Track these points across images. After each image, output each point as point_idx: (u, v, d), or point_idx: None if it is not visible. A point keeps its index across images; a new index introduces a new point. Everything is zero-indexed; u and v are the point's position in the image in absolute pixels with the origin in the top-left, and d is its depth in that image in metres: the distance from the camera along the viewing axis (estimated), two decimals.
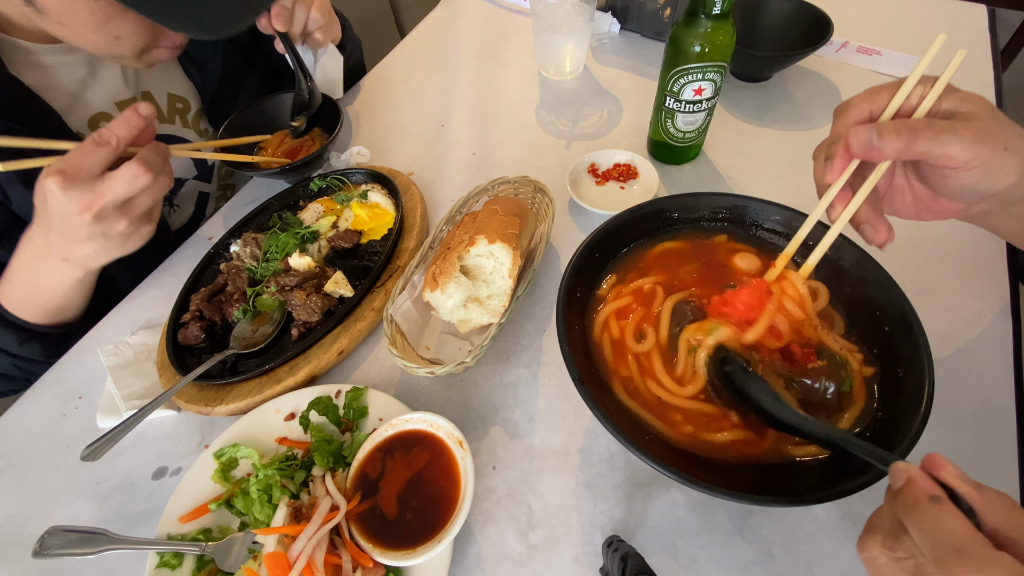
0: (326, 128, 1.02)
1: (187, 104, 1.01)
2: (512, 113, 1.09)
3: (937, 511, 0.34)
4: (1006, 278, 0.71)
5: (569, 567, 0.56)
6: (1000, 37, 1.07)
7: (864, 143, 0.47)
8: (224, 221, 0.98)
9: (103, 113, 0.88)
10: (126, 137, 0.64)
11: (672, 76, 0.79)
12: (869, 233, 0.53)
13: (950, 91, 0.48)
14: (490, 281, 0.69)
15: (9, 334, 0.77)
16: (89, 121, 0.87)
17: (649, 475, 0.61)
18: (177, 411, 0.73)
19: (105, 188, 0.63)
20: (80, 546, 0.56)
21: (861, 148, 0.47)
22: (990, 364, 0.64)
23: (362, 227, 0.87)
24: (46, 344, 0.80)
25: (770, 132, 0.96)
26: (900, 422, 0.47)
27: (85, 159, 0.62)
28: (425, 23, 1.39)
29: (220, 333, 0.78)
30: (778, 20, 1.03)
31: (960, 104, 0.47)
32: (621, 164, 0.90)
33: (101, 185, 0.62)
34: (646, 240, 0.66)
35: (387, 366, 0.74)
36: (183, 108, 1.00)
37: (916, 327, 0.51)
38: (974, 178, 0.46)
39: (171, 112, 0.98)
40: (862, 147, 0.47)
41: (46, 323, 0.79)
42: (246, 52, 1.07)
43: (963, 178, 0.46)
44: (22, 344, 0.78)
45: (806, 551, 0.54)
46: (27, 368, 0.82)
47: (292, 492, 0.59)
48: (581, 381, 0.51)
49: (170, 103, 0.98)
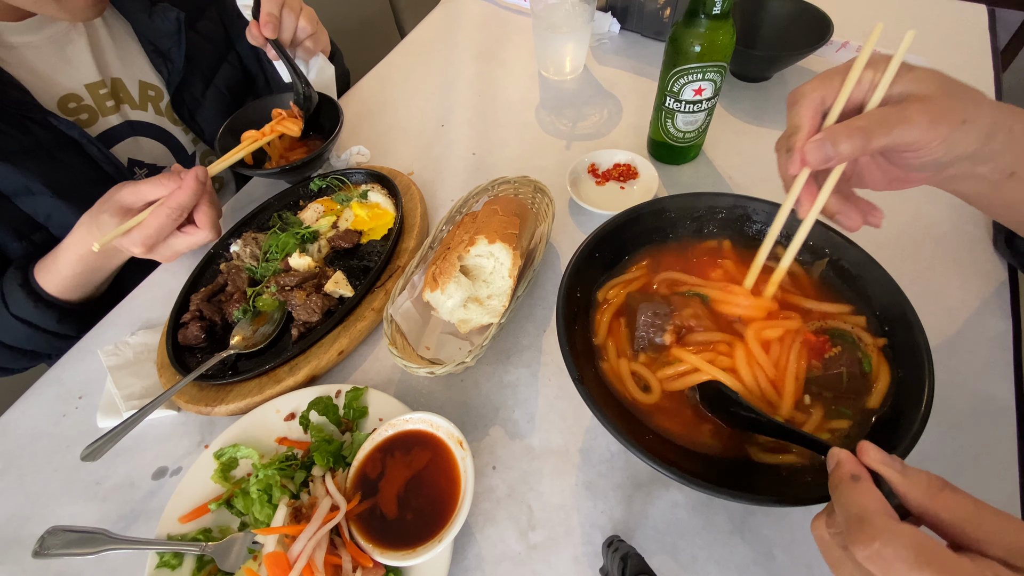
0: (326, 128, 1.02)
1: (160, 92, 1.01)
2: (512, 113, 1.09)
3: (852, 487, 0.37)
4: (1006, 277, 0.71)
5: (569, 567, 0.56)
6: (1000, 37, 1.07)
7: (820, 158, 0.47)
8: (224, 221, 0.98)
9: (72, 94, 0.89)
10: (191, 204, 0.76)
11: (672, 76, 0.79)
12: (844, 222, 0.52)
13: (902, 72, 0.47)
14: (490, 281, 0.69)
15: (50, 314, 0.82)
16: (59, 101, 0.87)
17: (649, 475, 0.61)
18: (177, 411, 0.73)
19: (181, 246, 0.78)
20: (80, 546, 0.56)
21: (818, 162, 0.47)
22: (990, 364, 0.64)
23: (362, 227, 0.87)
24: (82, 319, 0.86)
25: (770, 132, 0.96)
26: (900, 422, 0.47)
27: (163, 231, 0.74)
28: (425, 23, 1.39)
29: (220, 333, 0.78)
30: (778, 20, 1.03)
31: (913, 85, 0.46)
32: (621, 164, 0.90)
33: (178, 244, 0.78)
34: (646, 240, 0.66)
35: (387, 366, 0.74)
36: (155, 96, 1.00)
37: (916, 327, 0.51)
38: (935, 154, 0.46)
39: (143, 99, 0.99)
40: (819, 162, 0.47)
41: (84, 299, 0.86)
42: (218, 47, 1.06)
43: (923, 156, 0.46)
44: (60, 321, 0.83)
45: (806, 551, 0.54)
46: (59, 345, 0.86)
47: (292, 492, 0.59)
48: (581, 381, 0.51)
49: (142, 90, 0.98)
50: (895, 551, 0.31)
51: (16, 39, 0.83)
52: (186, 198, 0.74)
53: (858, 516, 0.34)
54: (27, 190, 0.82)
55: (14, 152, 0.80)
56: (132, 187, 0.74)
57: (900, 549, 0.31)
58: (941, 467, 0.56)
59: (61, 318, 0.83)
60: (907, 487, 0.36)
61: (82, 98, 0.90)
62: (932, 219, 0.79)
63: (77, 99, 0.90)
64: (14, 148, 0.80)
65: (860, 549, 0.33)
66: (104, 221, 0.74)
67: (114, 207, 0.74)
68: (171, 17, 0.94)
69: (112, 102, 0.94)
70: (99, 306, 0.88)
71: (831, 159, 0.47)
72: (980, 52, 1.03)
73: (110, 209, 0.74)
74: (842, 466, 0.39)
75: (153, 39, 0.96)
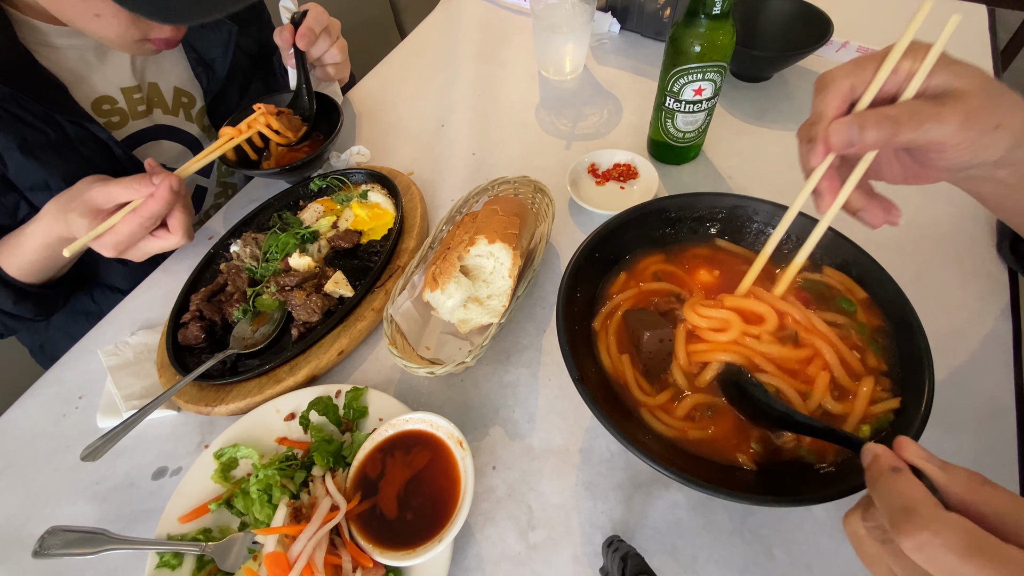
0: (326, 128, 1.02)
1: (192, 99, 1.02)
2: (512, 113, 1.09)
3: (894, 478, 0.35)
4: (1006, 278, 0.71)
5: (569, 567, 0.56)
6: (1000, 37, 1.07)
7: (844, 141, 0.45)
8: (224, 221, 0.98)
9: (107, 96, 0.90)
10: (164, 213, 0.76)
11: (672, 76, 0.79)
12: (867, 219, 0.50)
13: (943, 64, 0.44)
14: (490, 281, 0.69)
15: (8, 294, 0.82)
16: (92, 103, 0.88)
17: (649, 475, 0.61)
18: (177, 411, 0.73)
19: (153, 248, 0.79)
20: (80, 546, 0.56)
21: (842, 146, 0.45)
22: (990, 364, 0.64)
23: (362, 227, 0.87)
24: (38, 303, 0.87)
25: (770, 132, 0.96)
26: (900, 422, 0.47)
27: (134, 237, 0.75)
28: (425, 23, 1.39)
29: (220, 333, 0.78)
30: (778, 20, 1.03)
31: (953, 80, 0.43)
32: (621, 164, 0.90)
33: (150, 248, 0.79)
34: (646, 240, 0.66)
35: (387, 366, 0.74)
36: (188, 103, 1.02)
37: (916, 327, 0.51)
38: (961, 157, 0.44)
39: (176, 105, 1.00)
40: (842, 145, 0.45)
41: (43, 283, 0.86)
42: (254, 58, 1.10)
43: (948, 158, 0.45)
44: (16, 303, 0.84)
45: (806, 551, 0.54)
46: (11, 325, 0.89)
47: (292, 492, 0.59)
48: (581, 381, 0.51)
49: (175, 96, 1.00)
50: (945, 540, 0.30)
51: (61, 41, 0.84)
52: (159, 208, 0.74)
53: (903, 507, 0.33)
54: (45, 185, 0.82)
55: (41, 147, 0.80)
56: (103, 187, 0.73)
57: (950, 537, 0.30)
58: None
59: (18, 300, 0.83)
60: (948, 481, 0.35)
61: (116, 101, 0.91)
62: (932, 219, 0.79)
63: (112, 101, 0.91)
64: (42, 143, 0.80)
65: (907, 539, 0.32)
66: (73, 221, 0.73)
67: (83, 207, 0.73)
68: (224, 29, 0.97)
69: (144, 106, 0.95)
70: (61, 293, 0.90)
71: (855, 145, 0.44)
72: (980, 52, 1.03)
73: (79, 208, 0.73)
74: (880, 459, 0.37)
75: (200, 48, 0.99)
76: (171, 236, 0.78)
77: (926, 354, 0.49)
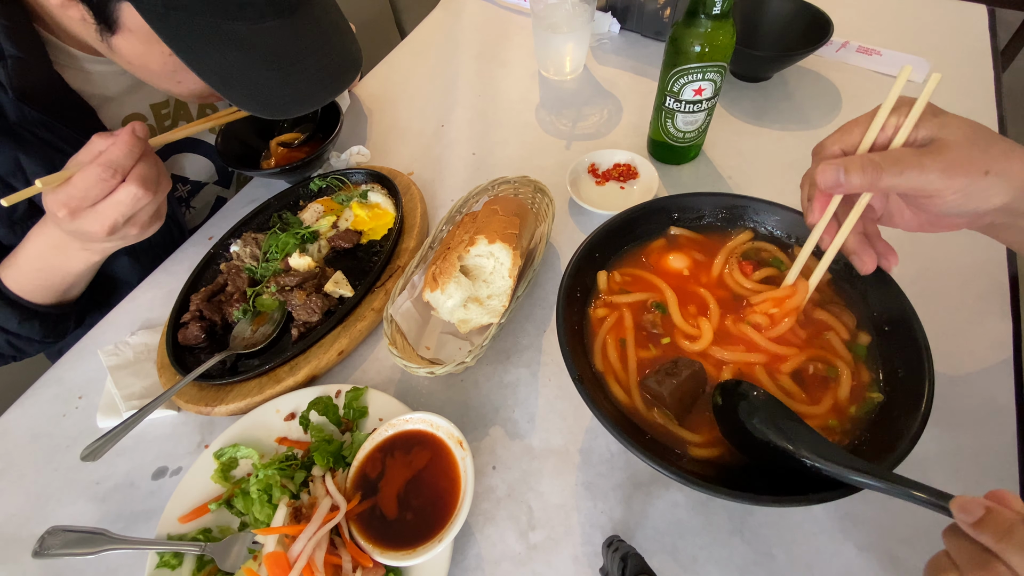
0: (326, 128, 1.02)
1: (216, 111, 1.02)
2: (512, 113, 1.09)
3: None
4: (1006, 278, 0.71)
5: (569, 567, 0.56)
6: (1000, 37, 1.07)
7: (830, 182, 0.48)
8: (224, 221, 0.98)
9: (137, 114, 0.90)
10: (129, 165, 0.66)
11: (672, 76, 0.79)
12: (857, 263, 0.54)
13: (929, 116, 0.47)
14: (490, 281, 0.69)
15: (11, 313, 0.79)
16: (123, 120, 0.88)
17: (649, 475, 0.61)
18: (177, 411, 0.73)
19: (110, 211, 0.66)
20: (80, 546, 0.56)
21: (827, 186, 0.49)
22: (990, 364, 0.64)
23: (362, 227, 0.87)
24: (45, 323, 0.83)
25: (770, 132, 0.96)
26: (900, 422, 0.47)
27: (90, 191, 0.65)
28: (425, 23, 1.39)
29: (220, 333, 0.78)
30: (778, 20, 1.03)
31: (938, 131, 0.46)
32: (621, 164, 0.90)
33: (107, 209, 0.66)
34: (646, 240, 0.66)
35: (387, 366, 0.74)
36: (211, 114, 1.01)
37: (916, 327, 0.51)
38: (952, 203, 0.46)
39: (200, 117, 1.00)
40: (828, 185, 0.48)
41: (50, 303, 0.82)
42: None
43: (939, 204, 0.46)
44: (21, 323, 0.80)
45: (806, 551, 0.54)
46: (19, 346, 0.85)
47: (292, 492, 0.59)
48: (581, 381, 0.51)
49: (201, 110, 1.00)
50: None
51: (93, 67, 0.82)
52: (119, 154, 0.65)
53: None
54: None
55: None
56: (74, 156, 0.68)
57: None
58: (941, 467, 0.57)
59: (23, 319, 0.80)
60: None
61: (145, 117, 0.91)
62: None
63: (141, 118, 0.91)
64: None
65: None
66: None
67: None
68: None
69: (170, 121, 0.95)
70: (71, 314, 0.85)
71: (840, 186, 0.48)
72: (980, 52, 1.03)
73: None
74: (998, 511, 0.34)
75: None
76: (124, 187, 0.66)
77: (926, 354, 0.49)
